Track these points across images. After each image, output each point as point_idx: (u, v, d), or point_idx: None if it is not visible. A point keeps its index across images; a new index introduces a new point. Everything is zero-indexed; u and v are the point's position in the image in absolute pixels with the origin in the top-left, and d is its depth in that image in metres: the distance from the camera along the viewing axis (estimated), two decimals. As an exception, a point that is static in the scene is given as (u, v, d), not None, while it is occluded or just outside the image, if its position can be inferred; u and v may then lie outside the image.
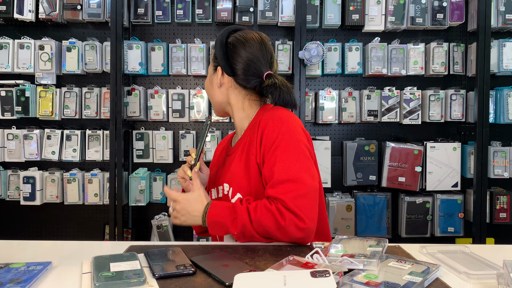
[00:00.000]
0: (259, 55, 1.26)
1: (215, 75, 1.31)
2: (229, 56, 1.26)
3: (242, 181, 1.22)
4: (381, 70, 2.45)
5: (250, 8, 2.44)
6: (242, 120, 1.32)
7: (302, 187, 1.10)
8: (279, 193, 1.10)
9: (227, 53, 1.26)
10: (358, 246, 1.01)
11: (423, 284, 0.84)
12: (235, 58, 1.25)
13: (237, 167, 1.25)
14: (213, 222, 1.16)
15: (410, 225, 2.49)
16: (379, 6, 2.45)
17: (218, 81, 1.30)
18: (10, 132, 2.50)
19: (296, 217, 1.08)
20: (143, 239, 2.67)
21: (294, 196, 1.09)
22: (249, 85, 1.27)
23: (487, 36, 2.32)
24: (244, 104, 1.30)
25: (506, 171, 2.45)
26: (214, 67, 1.31)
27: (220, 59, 1.27)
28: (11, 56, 2.46)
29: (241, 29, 1.31)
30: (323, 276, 0.79)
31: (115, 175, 2.36)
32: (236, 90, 1.29)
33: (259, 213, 1.10)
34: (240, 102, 1.30)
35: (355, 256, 0.92)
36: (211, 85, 1.33)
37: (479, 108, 2.33)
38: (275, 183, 1.12)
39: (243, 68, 1.25)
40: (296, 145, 1.16)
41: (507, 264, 0.85)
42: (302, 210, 1.08)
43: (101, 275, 0.86)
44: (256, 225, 1.11)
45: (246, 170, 1.22)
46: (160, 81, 2.67)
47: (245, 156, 1.24)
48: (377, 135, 2.65)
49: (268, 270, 0.88)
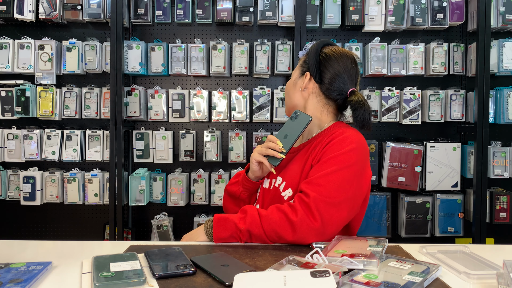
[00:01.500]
0: (348, 71, 1.33)
1: (301, 79, 1.38)
2: (321, 65, 1.34)
3: (296, 179, 1.27)
4: (381, 70, 2.45)
5: (250, 8, 2.44)
6: (313, 126, 1.36)
7: (333, 196, 1.13)
8: (311, 189, 1.14)
9: (320, 61, 1.34)
10: (358, 246, 1.01)
11: (423, 284, 0.84)
12: (326, 67, 1.33)
13: (294, 166, 1.30)
14: (220, 218, 1.18)
15: (410, 225, 2.49)
16: (379, 6, 2.45)
17: (303, 85, 1.36)
18: (10, 132, 2.50)
19: (311, 215, 1.11)
20: (143, 239, 2.67)
21: (320, 199, 1.12)
22: (331, 95, 1.33)
23: (487, 36, 2.32)
24: (322, 111, 1.36)
25: (506, 171, 2.45)
26: (302, 71, 1.39)
27: (312, 65, 1.34)
28: (11, 56, 2.46)
29: (336, 45, 1.41)
30: (323, 276, 0.79)
31: (115, 175, 2.36)
32: (318, 97, 1.35)
33: (269, 211, 1.16)
34: (318, 109, 1.35)
35: (355, 256, 0.92)
36: (294, 88, 1.40)
37: (479, 108, 2.33)
38: (312, 181, 1.16)
39: (330, 78, 1.32)
40: (352, 172, 1.18)
41: (507, 264, 0.85)
42: (320, 211, 1.11)
43: (101, 275, 0.86)
44: (265, 221, 1.14)
45: (301, 170, 1.27)
46: (160, 81, 2.67)
47: (305, 159, 1.28)
48: (377, 135, 2.65)
49: (268, 270, 0.88)
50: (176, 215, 2.62)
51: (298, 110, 1.27)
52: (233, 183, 1.44)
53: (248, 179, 1.36)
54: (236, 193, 1.42)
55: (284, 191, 1.28)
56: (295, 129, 1.26)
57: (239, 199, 1.43)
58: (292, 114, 1.29)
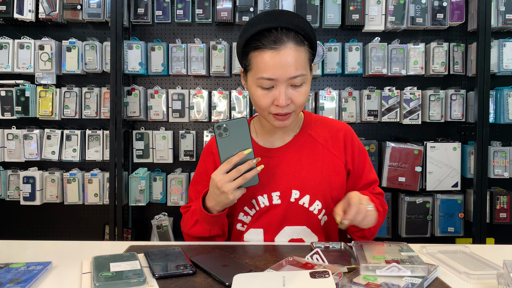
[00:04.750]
0: None
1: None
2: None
3: (321, 188, 1.21)
4: (381, 70, 2.45)
5: (250, 8, 2.44)
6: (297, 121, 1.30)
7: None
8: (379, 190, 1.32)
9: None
10: (389, 251, 0.95)
11: (423, 285, 0.83)
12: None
13: (311, 173, 1.21)
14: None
15: (410, 225, 2.49)
16: (379, 6, 2.45)
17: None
18: (10, 132, 2.50)
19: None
20: (143, 239, 2.67)
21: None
22: None
23: (487, 36, 2.31)
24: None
25: (506, 171, 2.45)
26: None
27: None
28: (11, 56, 2.46)
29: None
30: (323, 277, 0.78)
31: (115, 175, 2.36)
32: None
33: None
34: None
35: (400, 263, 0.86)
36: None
37: (479, 108, 2.32)
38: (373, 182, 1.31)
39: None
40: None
41: (507, 264, 0.85)
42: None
43: (101, 275, 0.86)
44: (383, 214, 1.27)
45: (326, 177, 1.22)
46: (160, 81, 2.66)
47: (324, 163, 1.24)
48: (377, 135, 2.65)
49: (267, 270, 0.88)
50: (176, 215, 2.62)
51: (220, 122, 1.06)
52: (193, 225, 1.20)
53: (214, 214, 1.14)
54: (205, 233, 1.18)
55: (311, 206, 1.21)
56: (242, 137, 1.06)
57: (212, 238, 1.21)
58: (215, 129, 1.06)
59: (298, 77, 1.11)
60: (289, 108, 1.13)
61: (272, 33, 1.10)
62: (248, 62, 1.15)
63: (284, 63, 1.09)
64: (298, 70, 1.10)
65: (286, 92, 1.11)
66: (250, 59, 1.13)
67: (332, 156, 1.25)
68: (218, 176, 1.07)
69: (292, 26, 1.11)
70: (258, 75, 1.11)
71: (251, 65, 1.13)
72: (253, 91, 1.15)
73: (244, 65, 1.18)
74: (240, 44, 1.17)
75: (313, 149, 1.25)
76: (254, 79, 1.13)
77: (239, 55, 1.20)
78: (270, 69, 1.09)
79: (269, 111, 1.15)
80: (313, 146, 1.26)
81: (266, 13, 1.15)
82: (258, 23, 1.11)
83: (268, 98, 1.12)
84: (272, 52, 1.09)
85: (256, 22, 1.12)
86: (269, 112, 1.15)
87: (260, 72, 1.10)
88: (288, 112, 1.14)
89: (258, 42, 1.10)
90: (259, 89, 1.13)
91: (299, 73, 1.10)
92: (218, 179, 1.06)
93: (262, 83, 1.11)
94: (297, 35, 1.12)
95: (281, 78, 1.10)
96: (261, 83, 1.11)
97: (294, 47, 1.10)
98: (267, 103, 1.13)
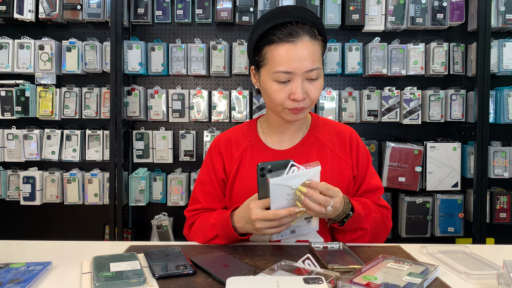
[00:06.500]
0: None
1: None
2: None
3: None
4: (381, 70, 2.45)
5: (250, 8, 2.44)
6: (305, 120, 1.30)
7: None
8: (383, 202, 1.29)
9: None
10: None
11: (423, 285, 0.84)
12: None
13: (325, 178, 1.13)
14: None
15: (410, 225, 2.49)
16: (379, 6, 2.45)
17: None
18: (10, 132, 2.50)
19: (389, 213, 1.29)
20: (143, 239, 2.67)
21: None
22: None
23: (487, 36, 2.31)
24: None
25: (506, 171, 2.45)
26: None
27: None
28: (11, 56, 2.46)
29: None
30: (316, 283, 0.78)
31: (115, 175, 2.36)
32: None
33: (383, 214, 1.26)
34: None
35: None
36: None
37: (479, 108, 2.32)
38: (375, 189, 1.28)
39: None
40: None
41: (507, 264, 0.85)
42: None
43: (101, 275, 0.86)
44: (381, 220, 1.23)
45: (333, 180, 1.17)
46: (160, 81, 2.66)
47: (332, 166, 1.23)
48: (377, 135, 2.65)
49: (260, 274, 0.87)
50: (176, 215, 2.62)
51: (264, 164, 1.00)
52: (211, 239, 1.16)
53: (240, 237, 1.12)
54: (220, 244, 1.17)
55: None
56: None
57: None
58: (258, 170, 1.00)
59: (314, 70, 1.11)
60: (304, 102, 1.13)
61: (287, 27, 1.10)
62: (262, 57, 1.14)
63: (300, 56, 1.09)
64: (314, 64, 1.10)
65: (303, 86, 1.11)
66: (265, 53, 1.13)
67: (339, 159, 1.25)
68: (258, 212, 1.02)
69: (306, 21, 1.12)
70: (274, 69, 1.11)
71: (266, 59, 1.13)
72: (268, 86, 1.14)
73: (257, 61, 1.18)
74: (253, 40, 1.16)
75: (321, 152, 1.25)
76: (270, 73, 1.12)
77: (251, 52, 1.19)
78: (286, 62, 1.09)
79: (284, 106, 1.14)
80: (321, 148, 1.26)
81: (279, 8, 1.16)
82: (273, 17, 1.12)
83: (284, 92, 1.12)
84: (288, 45, 1.09)
85: (270, 17, 1.13)
86: (283, 108, 1.15)
87: (277, 66, 1.10)
88: (303, 107, 1.14)
89: (274, 36, 1.11)
90: (274, 83, 1.13)
91: (315, 66, 1.11)
92: (256, 216, 1.02)
93: (279, 77, 1.11)
94: (312, 29, 1.13)
95: (298, 71, 1.10)
96: (277, 77, 1.11)
97: (310, 40, 1.11)
98: (283, 97, 1.13)
